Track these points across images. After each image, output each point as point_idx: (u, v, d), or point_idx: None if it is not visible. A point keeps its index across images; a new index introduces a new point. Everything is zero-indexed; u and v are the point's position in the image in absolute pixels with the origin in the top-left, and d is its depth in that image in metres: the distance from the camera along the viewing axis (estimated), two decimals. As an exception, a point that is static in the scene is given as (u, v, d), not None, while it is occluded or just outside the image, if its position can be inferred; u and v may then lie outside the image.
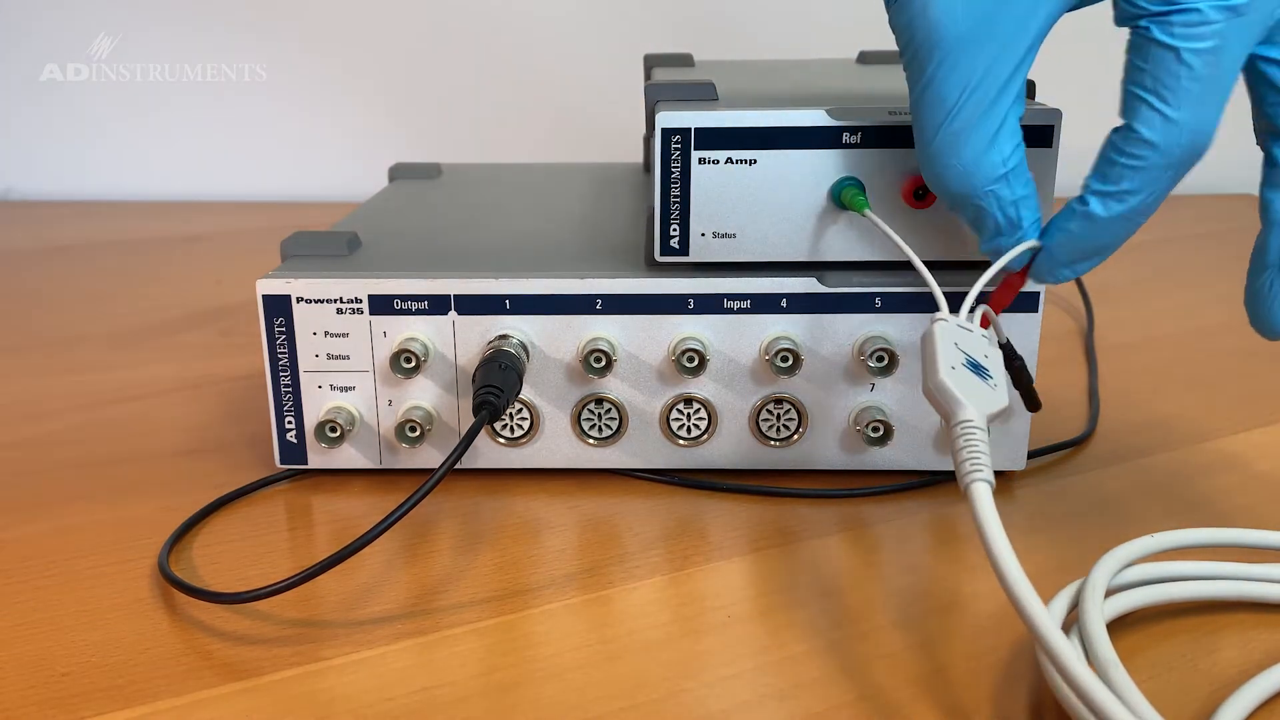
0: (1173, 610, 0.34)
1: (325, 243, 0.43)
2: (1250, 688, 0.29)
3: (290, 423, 0.42)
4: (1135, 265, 0.72)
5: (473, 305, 0.40)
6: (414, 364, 0.40)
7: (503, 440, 0.42)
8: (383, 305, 0.40)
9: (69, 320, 0.65)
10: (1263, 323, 0.35)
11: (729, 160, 0.38)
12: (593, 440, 0.42)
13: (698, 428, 0.42)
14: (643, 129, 0.54)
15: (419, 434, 0.40)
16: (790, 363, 0.40)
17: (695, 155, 0.38)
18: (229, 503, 0.41)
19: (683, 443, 0.42)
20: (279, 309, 0.40)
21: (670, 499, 0.41)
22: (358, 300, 0.40)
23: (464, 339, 0.40)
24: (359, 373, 0.41)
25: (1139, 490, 0.42)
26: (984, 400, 0.30)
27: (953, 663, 0.31)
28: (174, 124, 0.98)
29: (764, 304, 0.40)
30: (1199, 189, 0.37)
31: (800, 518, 0.40)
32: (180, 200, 0.98)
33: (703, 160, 0.38)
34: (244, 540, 0.38)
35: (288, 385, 0.41)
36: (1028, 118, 0.35)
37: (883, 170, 0.38)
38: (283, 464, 0.42)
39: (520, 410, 0.41)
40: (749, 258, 0.40)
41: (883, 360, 0.40)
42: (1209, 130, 0.32)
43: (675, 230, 0.39)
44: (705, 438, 0.42)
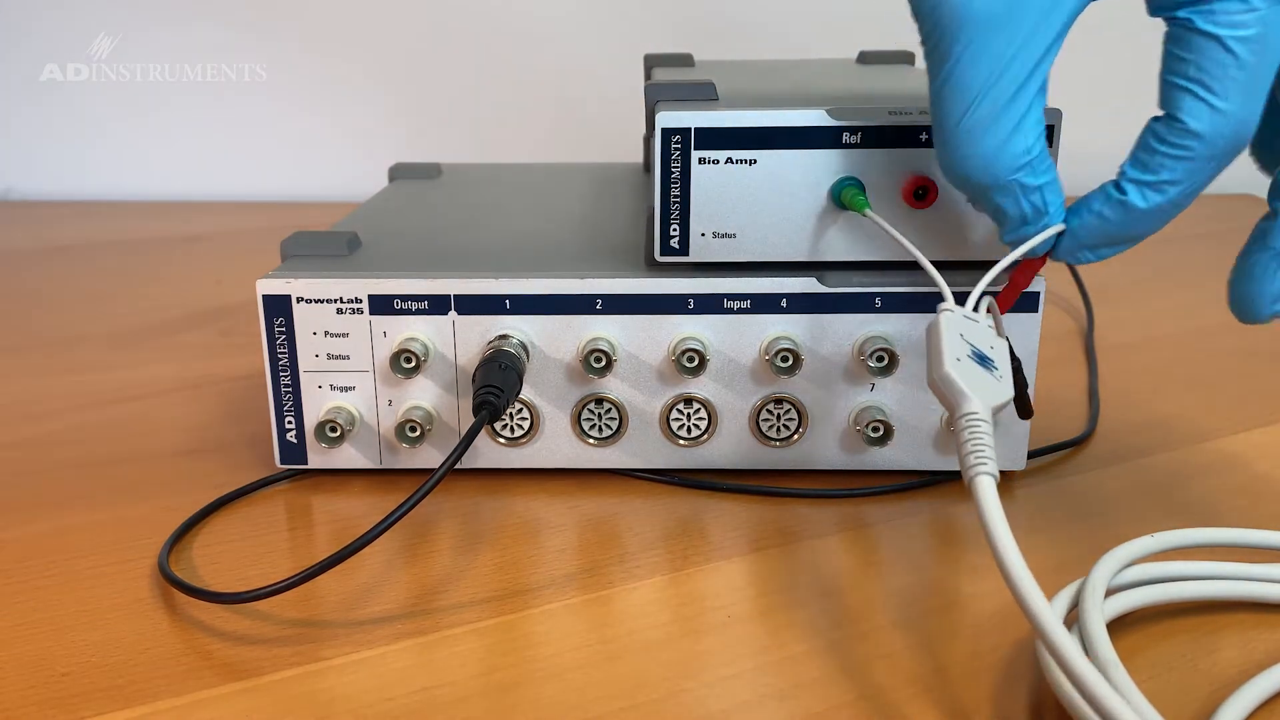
0: (1173, 610, 0.34)
1: (325, 243, 0.43)
2: (1250, 688, 0.29)
3: (290, 423, 0.42)
4: (1135, 265, 0.72)
5: (473, 305, 0.40)
6: (414, 364, 0.40)
7: (503, 440, 0.42)
8: (383, 305, 0.40)
9: (69, 320, 0.65)
10: (1247, 302, 0.34)
11: (729, 160, 0.38)
12: (593, 440, 0.42)
13: (698, 428, 0.42)
14: (643, 129, 0.54)
15: (419, 434, 0.40)
16: (790, 363, 0.40)
17: (695, 155, 0.38)
18: (229, 503, 0.41)
19: (683, 443, 0.42)
20: (279, 309, 0.40)
21: (670, 499, 0.41)
22: (358, 300, 0.40)
23: (464, 339, 0.40)
24: (359, 373, 0.41)
25: (1139, 490, 0.42)
26: (989, 392, 0.30)
27: (953, 663, 0.31)
28: (174, 124, 0.98)
29: (764, 304, 0.40)
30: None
31: (800, 518, 0.40)
32: (180, 200, 0.98)
33: (703, 160, 0.38)
34: (244, 540, 0.39)
35: (288, 385, 0.41)
36: None
37: (883, 170, 0.38)
38: (283, 464, 0.42)
39: (520, 410, 0.41)
40: (749, 258, 0.40)
41: (883, 360, 0.40)
42: (1254, 120, 0.31)
43: (675, 230, 0.39)
44: (705, 438, 0.42)
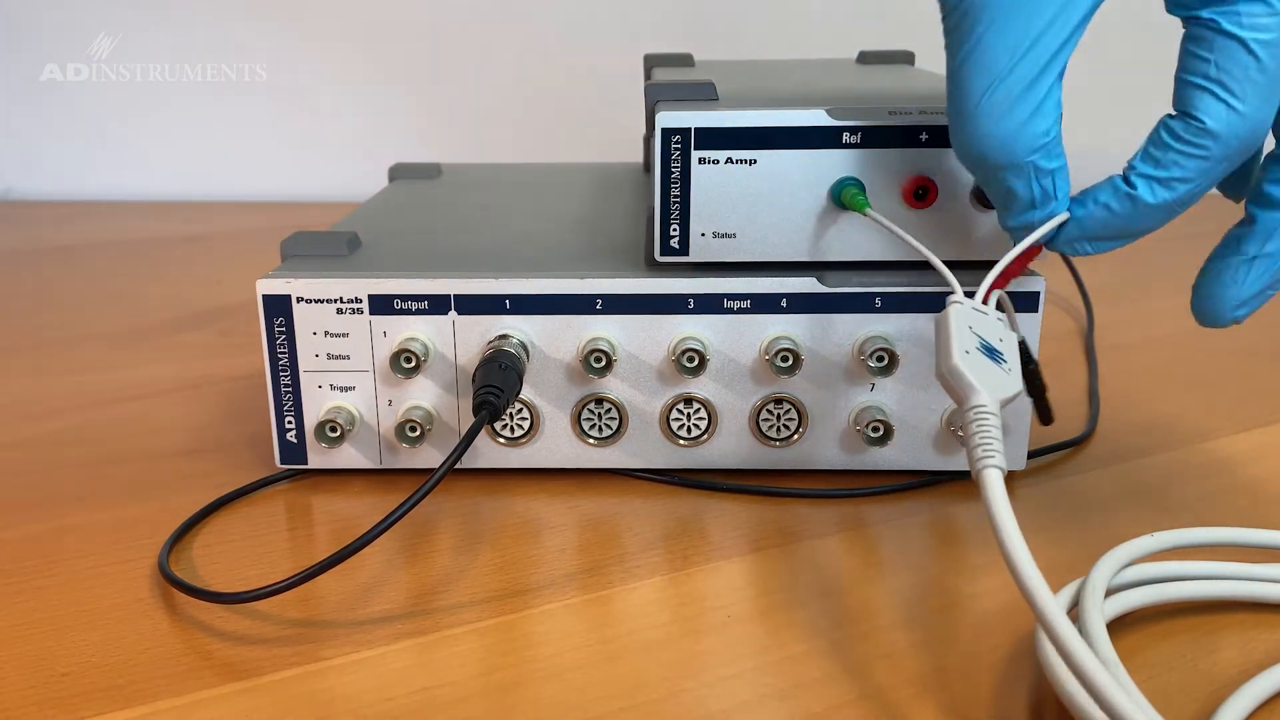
0: (1173, 610, 0.34)
1: (325, 243, 0.43)
2: (1250, 688, 0.29)
3: (290, 423, 0.42)
4: (1135, 265, 0.72)
5: (473, 305, 0.40)
6: (414, 364, 0.40)
7: (503, 440, 0.42)
8: (383, 305, 0.40)
9: (69, 320, 0.65)
10: (1213, 304, 0.35)
11: (729, 160, 0.38)
12: (593, 440, 0.42)
13: (698, 428, 0.42)
14: (643, 129, 0.54)
15: (419, 434, 0.40)
16: (790, 363, 0.40)
17: (695, 155, 0.38)
18: (229, 503, 0.41)
19: (683, 443, 0.42)
20: (279, 309, 0.40)
21: (670, 499, 0.41)
22: (358, 300, 0.40)
23: (464, 339, 0.40)
24: (359, 373, 0.41)
25: (1139, 490, 0.42)
26: (998, 385, 0.30)
27: (953, 663, 0.31)
28: (174, 124, 0.98)
29: (764, 304, 0.40)
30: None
31: (800, 518, 0.40)
32: (180, 200, 0.98)
33: (703, 160, 0.38)
34: (244, 540, 0.38)
35: (288, 385, 0.41)
36: None
37: (883, 170, 0.38)
38: (283, 464, 0.42)
39: (520, 410, 0.41)
40: (749, 258, 0.40)
41: (883, 360, 0.40)
42: (1268, 124, 0.31)
43: (675, 230, 0.39)
44: (705, 438, 0.42)
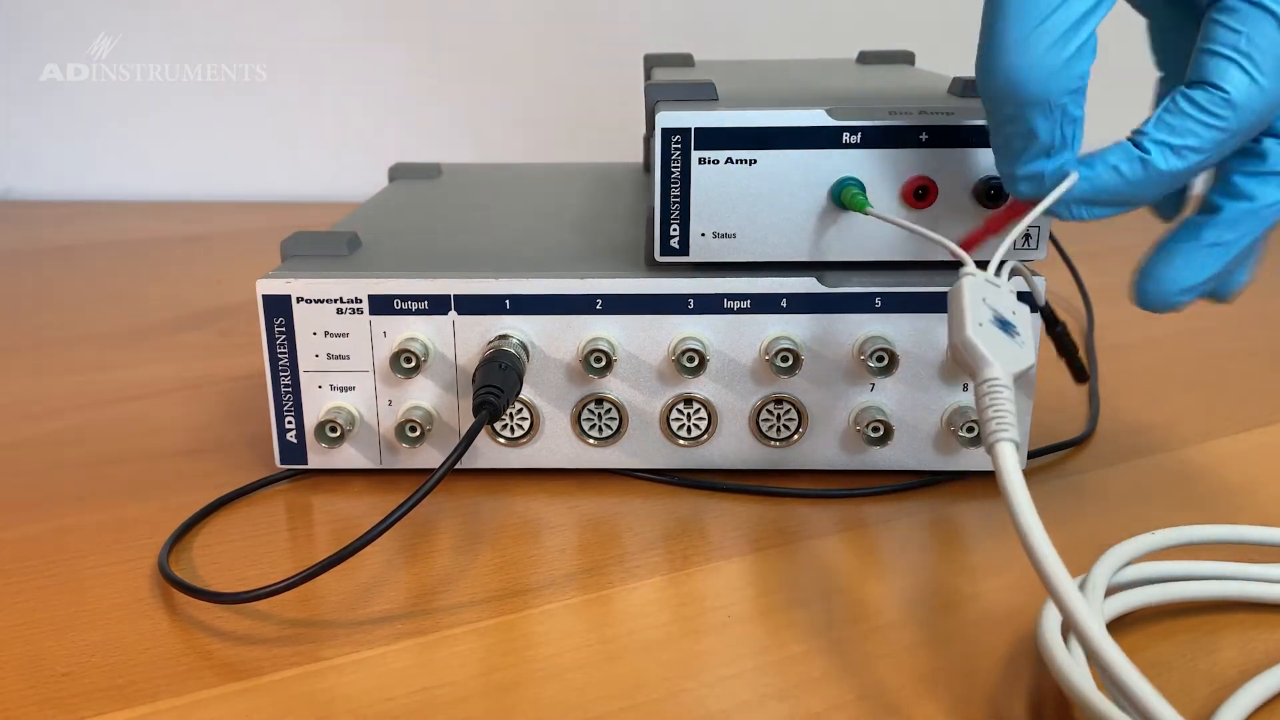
0: (1173, 610, 0.34)
1: (325, 243, 0.43)
2: (1250, 688, 0.29)
3: (290, 423, 0.42)
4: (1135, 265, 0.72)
5: (473, 305, 0.40)
6: (414, 364, 0.40)
7: (503, 440, 0.42)
8: (383, 305, 0.40)
9: (69, 320, 0.65)
10: (1162, 285, 0.35)
11: (729, 160, 0.38)
12: (593, 440, 0.42)
13: (698, 428, 0.42)
14: (643, 129, 0.54)
15: (419, 434, 0.40)
16: (790, 363, 0.40)
17: (695, 155, 0.38)
18: (229, 503, 0.41)
19: (683, 443, 0.42)
20: (279, 309, 0.40)
21: (670, 499, 0.41)
22: (358, 300, 0.40)
23: (464, 339, 0.40)
24: (359, 373, 0.41)
25: (1139, 490, 0.42)
26: (1011, 358, 0.30)
27: (953, 662, 0.31)
28: (174, 124, 0.98)
29: (764, 304, 0.40)
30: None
31: (800, 518, 0.40)
32: (180, 200, 0.98)
33: (703, 160, 0.38)
34: (244, 540, 0.38)
35: (288, 385, 0.41)
36: None
37: (883, 170, 0.38)
38: (283, 464, 0.42)
39: (520, 410, 0.41)
40: (749, 258, 0.40)
41: (883, 360, 0.40)
42: (1276, 104, 0.32)
43: (675, 230, 0.39)
44: (705, 438, 0.42)
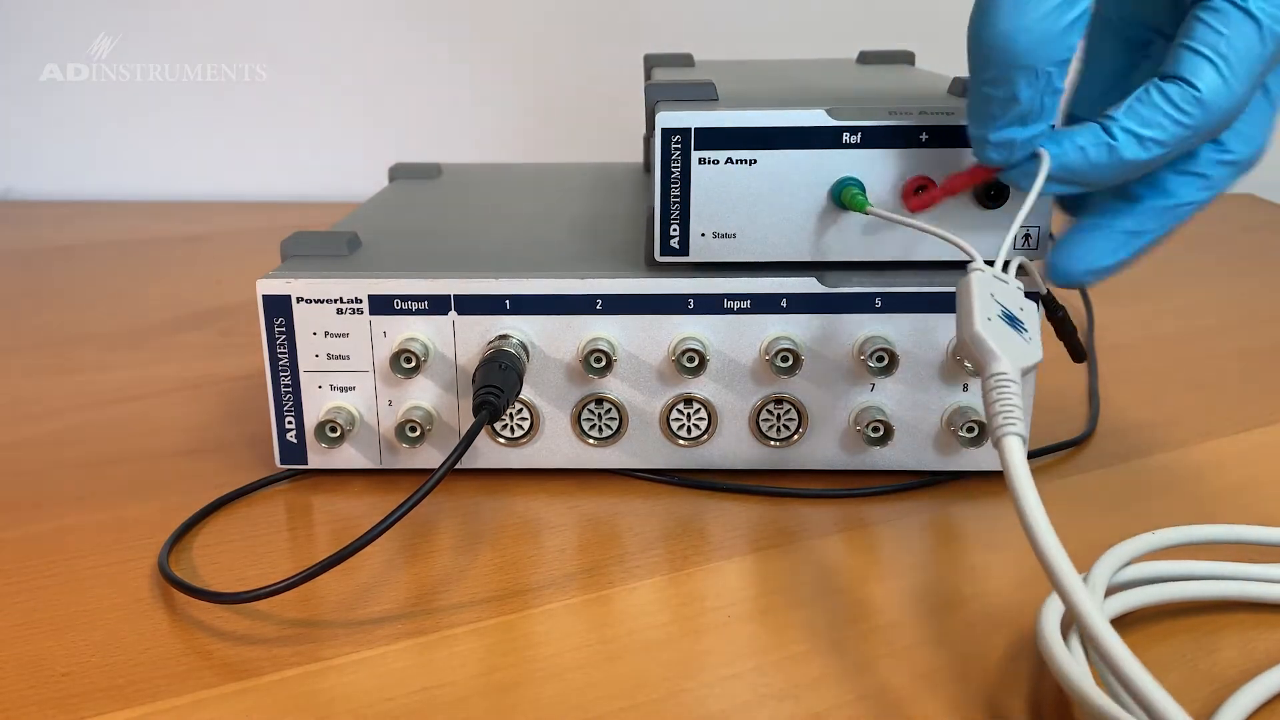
0: (1173, 610, 0.34)
1: (325, 243, 0.43)
2: (1250, 688, 0.29)
3: (290, 423, 0.42)
4: (1135, 265, 0.72)
5: (473, 305, 0.40)
6: (414, 364, 0.40)
7: (503, 440, 0.42)
8: (383, 305, 0.40)
9: (69, 320, 0.65)
10: (1071, 264, 0.36)
11: (729, 160, 0.38)
12: (593, 440, 0.42)
13: (698, 428, 0.42)
14: (643, 129, 0.54)
15: (419, 434, 0.40)
16: (790, 363, 0.40)
17: (695, 155, 0.38)
18: (229, 503, 0.41)
19: (683, 443, 0.42)
20: (279, 309, 0.40)
21: (670, 499, 0.41)
22: (358, 300, 0.40)
23: (464, 339, 0.40)
24: (359, 373, 0.41)
25: (1139, 490, 0.42)
26: (1019, 353, 0.30)
27: (953, 662, 0.31)
28: (174, 124, 0.98)
29: (764, 304, 0.40)
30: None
31: (800, 518, 0.40)
32: (180, 200, 0.98)
33: (703, 160, 0.38)
34: (244, 540, 0.38)
35: (288, 385, 0.41)
36: None
37: (883, 170, 0.38)
38: (283, 464, 0.42)
39: (520, 410, 0.41)
40: (749, 258, 0.40)
41: (883, 360, 0.40)
42: (1240, 110, 0.32)
43: (675, 230, 0.39)
44: (705, 438, 0.42)
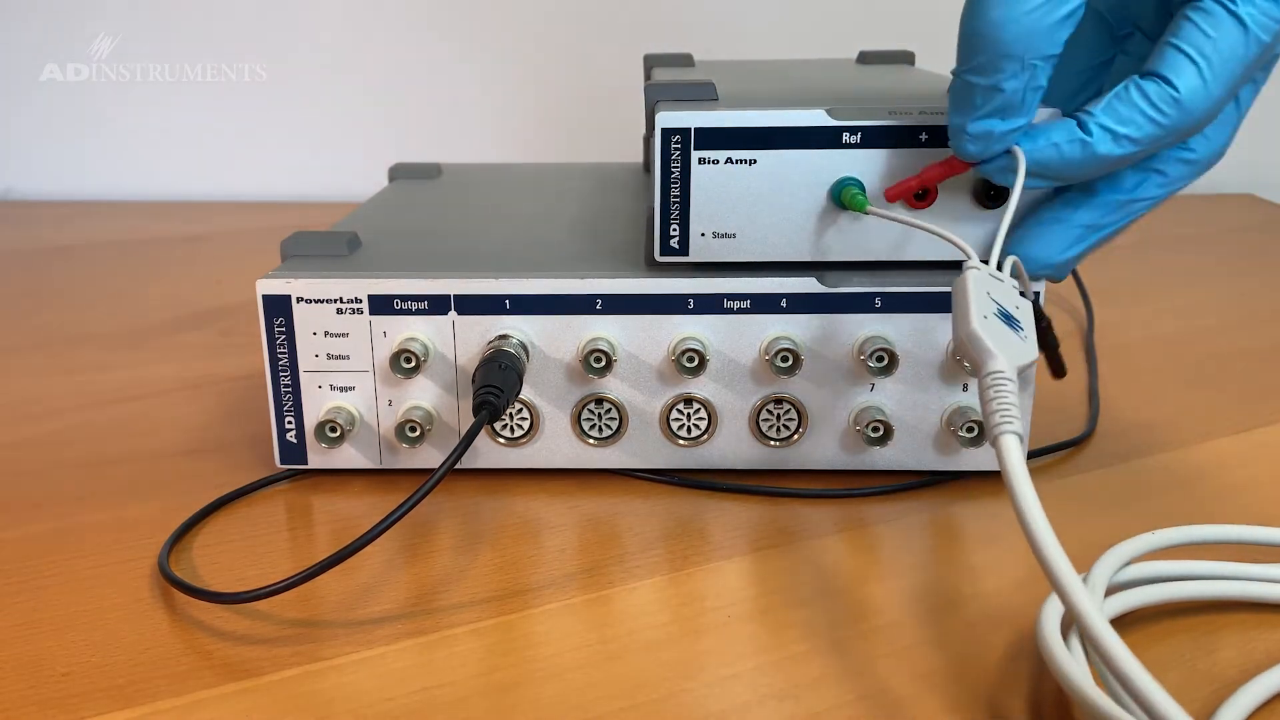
0: (1172, 610, 0.34)
1: (325, 243, 0.43)
2: (1250, 688, 0.29)
3: (290, 423, 0.42)
4: (1135, 265, 0.72)
5: (473, 305, 0.40)
6: (414, 364, 0.40)
7: (503, 440, 0.42)
8: (383, 305, 0.40)
9: (69, 320, 0.65)
10: (1030, 256, 0.36)
11: (729, 160, 0.38)
12: (593, 440, 0.42)
13: (698, 428, 0.42)
14: (643, 129, 0.54)
15: (419, 434, 0.40)
16: (790, 363, 0.40)
17: (695, 155, 0.38)
18: (229, 503, 0.41)
19: (683, 443, 0.42)
20: (279, 309, 0.40)
21: (670, 499, 0.41)
22: (358, 300, 0.40)
23: (464, 339, 0.40)
24: (359, 373, 0.41)
25: (1139, 490, 0.42)
26: (1015, 351, 0.30)
27: (952, 662, 0.31)
28: (174, 124, 0.98)
29: (764, 304, 0.40)
30: (1197, 189, 0.37)
31: (800, 518, 0.40)
32: (180, 200, 0.98)
33: (703, 160, 0.38)
34: (244, 540, 0.39)
35: (288, 385, 0.41)
36: None
37: (883, 170, 0.38)
38: (283, 464, 0.42)
39: (520, 410, 0.41)
40: (749, 258, 0.40)
41: (883, 360, 0.40)
42: (1216, 114, 0.32)
43: (675, 230, 0.39)
44: (705, 438, 0.42)
